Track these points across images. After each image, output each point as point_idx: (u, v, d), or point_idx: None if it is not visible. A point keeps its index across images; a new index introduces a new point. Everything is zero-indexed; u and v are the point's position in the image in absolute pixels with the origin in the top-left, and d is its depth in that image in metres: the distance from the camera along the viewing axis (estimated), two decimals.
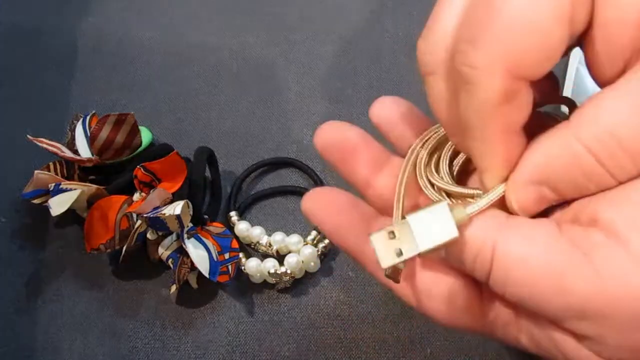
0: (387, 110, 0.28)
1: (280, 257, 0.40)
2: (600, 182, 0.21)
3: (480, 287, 0.24)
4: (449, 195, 0.25)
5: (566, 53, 0.22)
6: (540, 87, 0.23)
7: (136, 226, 0.38)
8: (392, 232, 0.22)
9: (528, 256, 0.21)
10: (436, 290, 0.24)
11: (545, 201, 0.22)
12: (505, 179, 0.23)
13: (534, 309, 0.21)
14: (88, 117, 0.43)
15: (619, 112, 0.20)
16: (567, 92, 0.47)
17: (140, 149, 0.42)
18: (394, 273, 0.23)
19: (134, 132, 0.41)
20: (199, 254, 0.37)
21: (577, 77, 0.47)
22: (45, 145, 0.41)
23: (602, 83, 0.22)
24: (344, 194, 0.26)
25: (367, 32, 0.52)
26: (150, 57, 0.50)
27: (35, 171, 0.39)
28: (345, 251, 0.26)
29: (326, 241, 0.41)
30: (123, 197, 0.39)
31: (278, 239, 0.41)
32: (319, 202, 0.26)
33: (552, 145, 0.21)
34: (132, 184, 0.40)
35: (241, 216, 0.42)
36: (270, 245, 0.41)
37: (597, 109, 0.21)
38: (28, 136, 0.41)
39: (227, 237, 0.40)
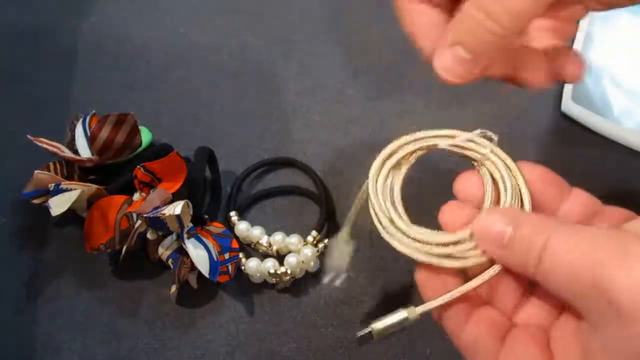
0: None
1: (280, 257, 0.40)
2: (495, 31, 0.25)
3: None
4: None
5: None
6: None
7: (136, 226, 0.38)
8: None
9: (574, 250, 0.23)
10: None
11: (463, 62, 0.27)
12: None
13: (571, 301, 0.24)
14: (88, 117, 0.43)
15: None
16: None
17: (140, 149, 0.42)
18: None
19: (134, 132, 0.41)
20: (199, 254, 0.37)
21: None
22: (45, 145, 0.41)
23: None
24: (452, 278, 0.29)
25: (367, 32, 0.52)
26: (150, 57, 0.50)
27: (35, 171, 0.39)
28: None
29: (326, 241, 0.41)
30: (123, 197, 0.39)
31: (278, 239, 0.41)
32: (431, 281, 0.29)
33: (459, 17, 0.27)
34: (132, 184, 0.40)
35: (241, 216, 0.42)
36: (270, 245, 0.41)
37: None
38: (28, 136, 0.41)
39: (227, 237, 0.40)
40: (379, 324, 0.28)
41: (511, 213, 0.27)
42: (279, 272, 0.39)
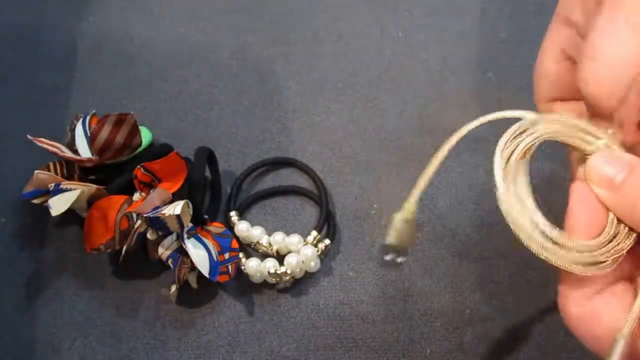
0: None
1: (280, 257, 0.40)
2: None
3: None
4: None
5: None
6: None
7: (136, 226, 0.38)
8: None
9: None
10: None
11: None
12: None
13: None
14: (88, 117, 0.43)
15: None
16: None
17: (140, 149, 0.42)
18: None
19: (134, 132, 0.41)
20: (199, 254, 0.37)
21: None
22: (45, 145, 0.41)
23: None
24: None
25: (367, 32, 0.52)
26: (150, 57, 0.50)
27: (35, 171, 0.39)
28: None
29: (326, 241, 0.41)
30: (123, 197, 0.39)
31: (278, 239, 0.41)
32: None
33: None
34: (132, 184, 0.40)
35: (241, 216, 0.42)
36: (270, 245, 0.41)
37: None
38: (28, 136, 0.41)
39: (227, 237, 0.40)
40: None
41: (627, 157, 0.27)
42: (279, 272, 0.39)
